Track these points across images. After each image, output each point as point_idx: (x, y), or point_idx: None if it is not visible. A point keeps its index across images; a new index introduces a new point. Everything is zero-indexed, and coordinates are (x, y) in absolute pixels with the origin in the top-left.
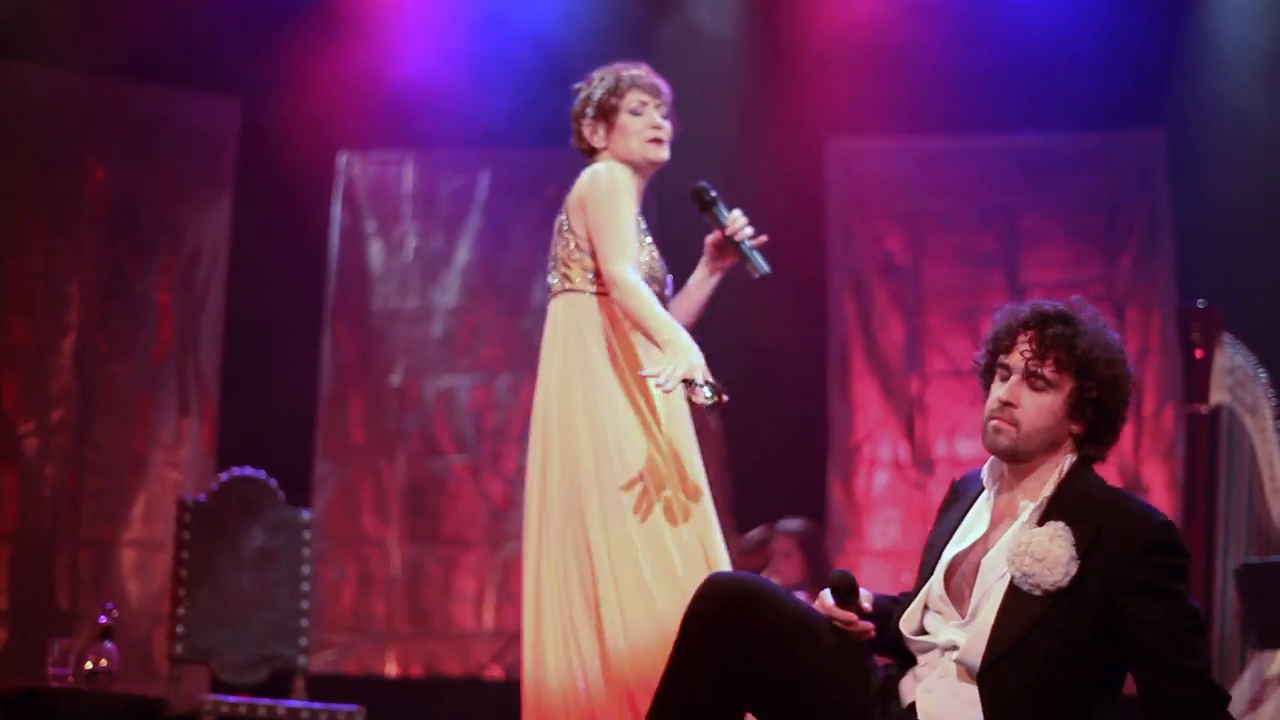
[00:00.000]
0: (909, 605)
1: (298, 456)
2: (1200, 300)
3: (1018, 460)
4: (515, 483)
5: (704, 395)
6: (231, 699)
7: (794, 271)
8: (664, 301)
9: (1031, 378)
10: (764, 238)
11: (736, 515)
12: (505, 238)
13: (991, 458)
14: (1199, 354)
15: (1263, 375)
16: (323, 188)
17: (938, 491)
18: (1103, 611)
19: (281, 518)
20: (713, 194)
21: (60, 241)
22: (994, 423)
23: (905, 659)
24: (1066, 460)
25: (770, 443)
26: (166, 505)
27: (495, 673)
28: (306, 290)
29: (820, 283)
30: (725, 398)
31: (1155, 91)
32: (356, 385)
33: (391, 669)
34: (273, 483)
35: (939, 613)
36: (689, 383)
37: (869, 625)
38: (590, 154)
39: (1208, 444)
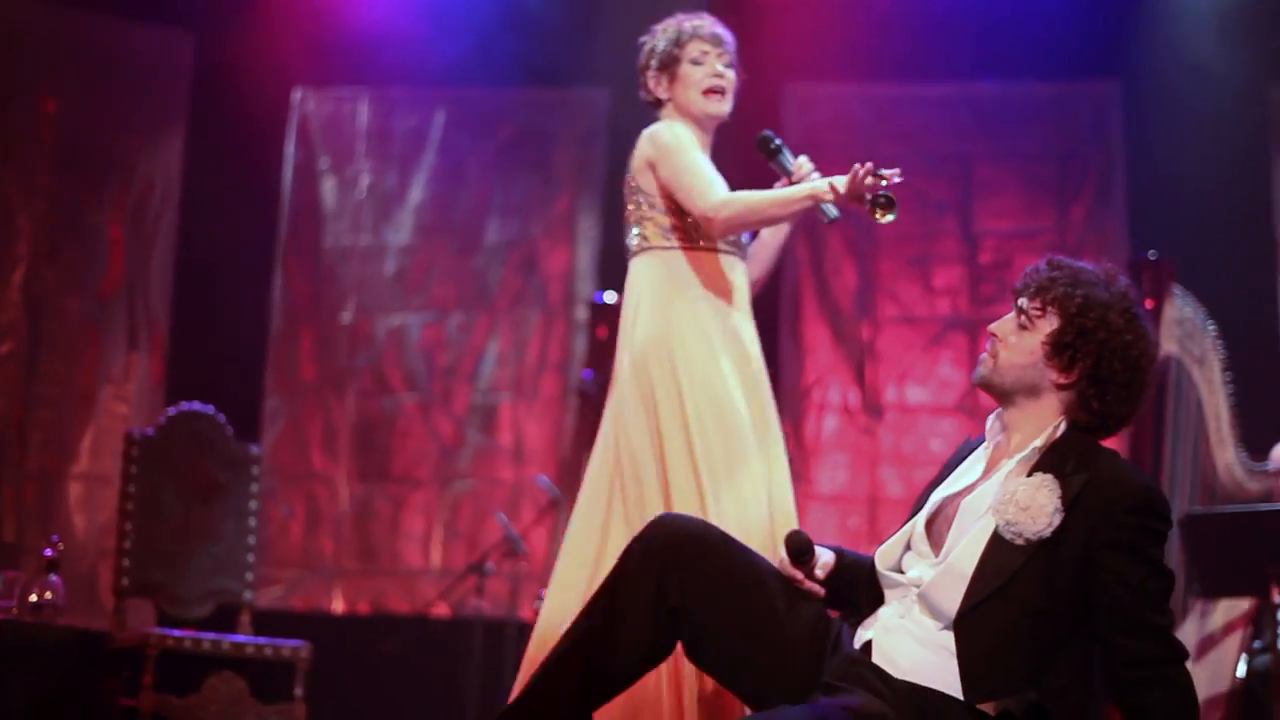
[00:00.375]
0: (891, 539)
1: (247, 392)
2: (1151, 251)
3: (994, 394)
4: (465, 422)
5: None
6: (177, 633)
7: None
8: (739, 250)
9: (1020, 314)
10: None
11: None
12: (459, 177)
13: (995, 413)
14: (1149, 304)
15: (1211, 327)
16: (276, 124)
17: (886, 437)
18: (1081, 566)
19: (229, 453)
20: (777, 142)
21: (10, 172)
22: (982, 354)
23: (863, 612)
24: (1061, 421)
25: None
26: (114, 439)
27: (442, 610)
28: (258, 226)
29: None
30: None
31: (1111, 43)
32: (307, 322)
33: (338, 606)
34: (221, 418)
35: (916, 551)
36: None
37: (818, 588)
38: (657, 105)
39: (1155, 395)
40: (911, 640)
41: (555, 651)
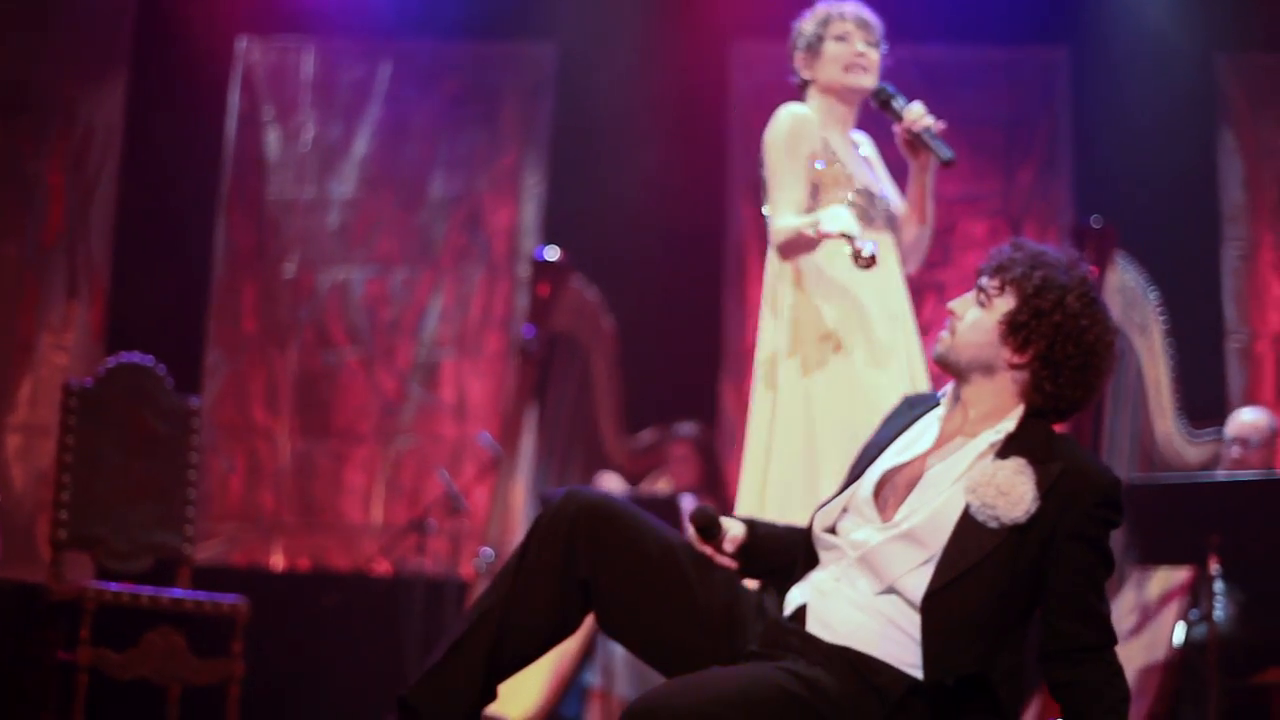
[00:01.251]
0: (829, 502)
1: (188, 345)
2: (1096, 218)
3: (951, 371)
4: (408, 378)
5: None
6: (114, 587)
7: (694, 174)
8: (867, 221)
9: (979, 292)
10: (943, 125)
11: (628, 417)
12: (404, 130)
13: (953, 382)
14: (1093, 272)
15: (1154, 295)
16: (220, 72)
17: None
18: (1043, 552)
19: (169, 405)
20: (889, 91)
21: None
22: (941, 332)
23: (788, 579)
24: (1020, 405)
25: (664, 345)
26: (52, 390)
27: (382, 567)
28: (201, 176)
29: (719, 188)
30: (872, 256)
31: (1061, 10)
32: (249, 274)
33: (278, 561)
34: (161, 370)
35: (858, 514)
36: (848, 238)
37: (729, 562)
38: (803, 89)
39: None
40: (848, 604)
41: (465, 622)
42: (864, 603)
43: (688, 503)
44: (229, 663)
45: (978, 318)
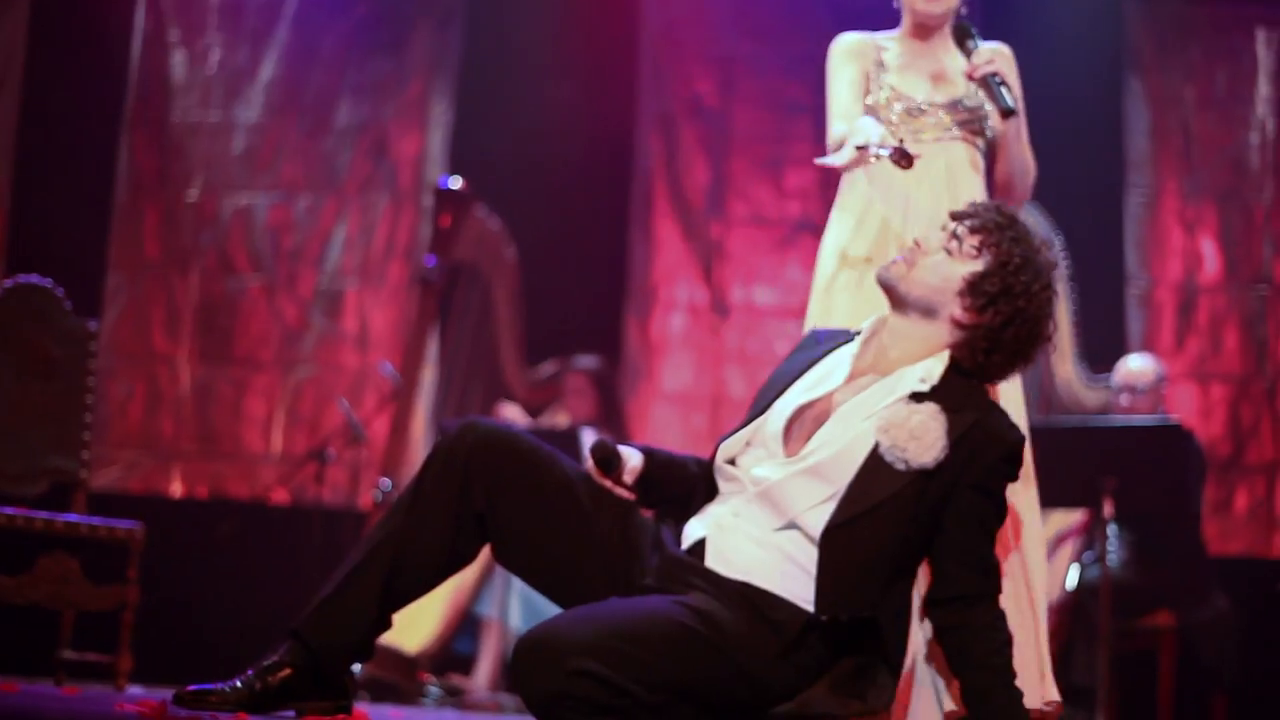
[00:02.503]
0: (733, 434)
1: (89, 268)
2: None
3: (893, 302)
4: (310, 306)
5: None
6: (8, 510)
7: (602, 108)
8: (913, 134)
9: (953, 237)
10: (1003, 73)
11: (529, 349)
12: (312, 56)
13: (872, 317)
14: None
15: (1057, 240)
16: None
17: (732, 337)
18: (943, 502)
19: (67, 328)
20: (968, 29)
21: None
22: (898, 256)
23: (685, 510)
24: (945, 355)
25: (568, 278)
26: None
27: (281, 497)
28: (104, 98)
29: (629, 121)
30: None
31: None
32: (152, 198)
33: (176, 488)
34: (60, 292)
35: (762, 448)
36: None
37: (628, 494)
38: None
39: None
40: (747, 540)
41: (360, 553)
42: (763, 538)
43: (587, 435)
44: (123, 588)
45: (944, 263)
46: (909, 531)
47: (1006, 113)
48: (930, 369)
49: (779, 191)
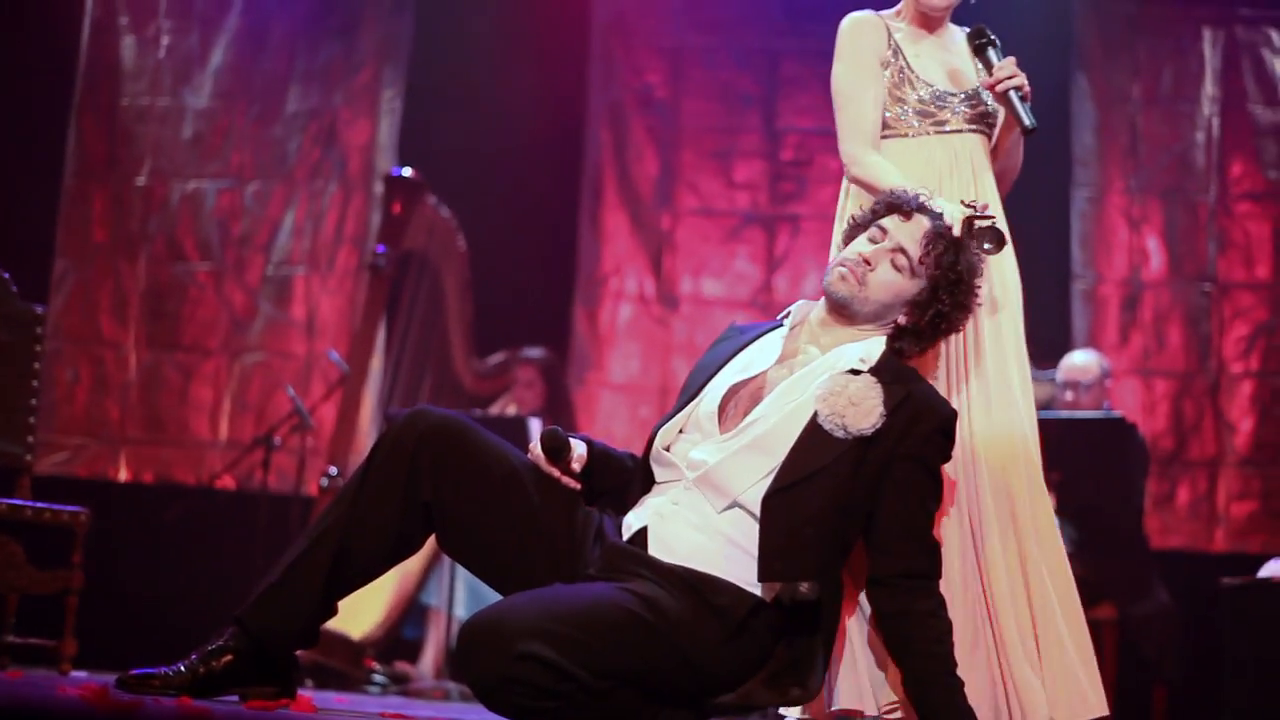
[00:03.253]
0: (666, 421)
1: (36, 252)
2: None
3: (843, 314)
4: (258, 293)
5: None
6: None
7: (553, 98)
8: (938, 125)
9: (899, 254)
10: (1027, 88)
11: (478, 339)
12: (262, 42)
13: (799, 302)
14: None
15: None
16: None
17: (681, 328)
18: (881, 472)
19: (13, 311)
20: (987, 38)
21: None
22: (842, 269)
23: (624, 502)
24: (883, 340)
25: (517, 269)
26: None
27: (227, 483)
28: (53, 82)
29: (579, 111)
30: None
31: None
32: (100, 183)
33: (123, 474)
34: (5, 276)
35: (697, 431)
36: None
37: (574, 483)
38: None
39: None
40: (687, 527)
41: (306, 539)
42: (703, 524)
43: (535, 426)
44: (68, 573)
45: (896, 282)
46: (848, 503)
47: (1028, 130)
48: (869, 350)
49: (728, 183)
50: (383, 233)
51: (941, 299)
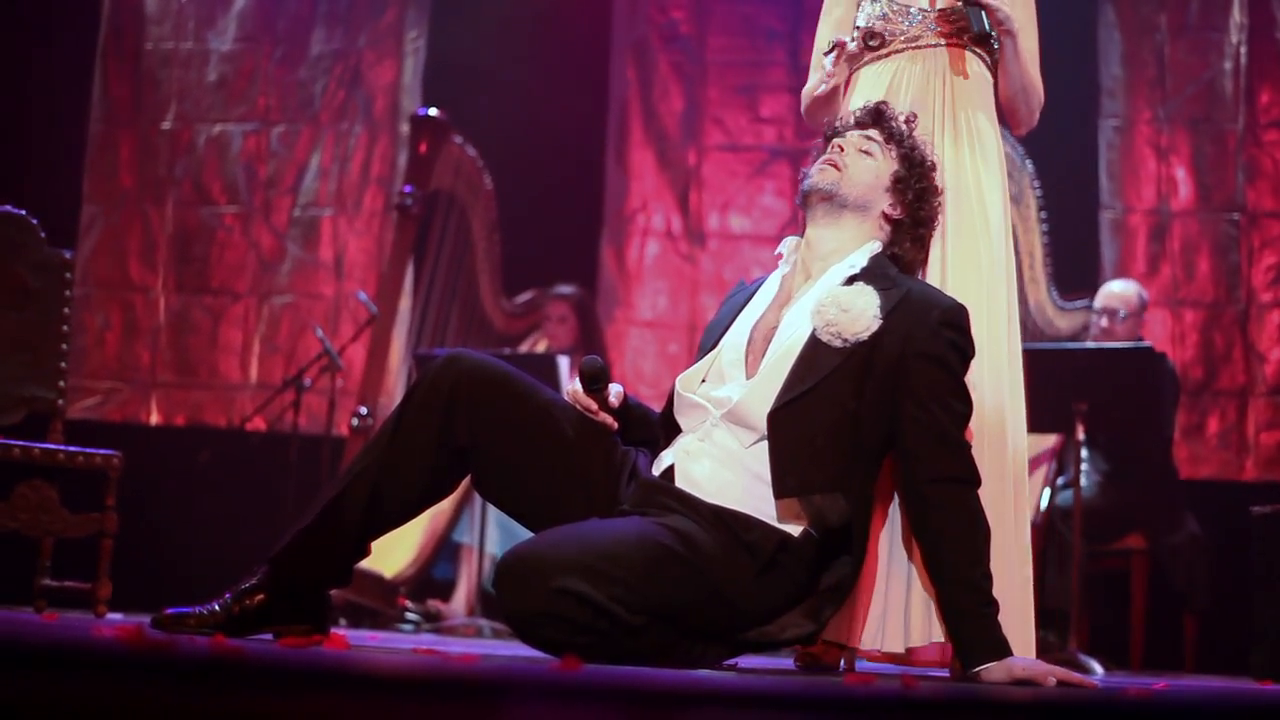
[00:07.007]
0: (691, 369)
1: (64, 198)
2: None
3: (829, 210)
4: (285, 235)
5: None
6: None
7: (577, 34)
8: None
9: (865, 142)
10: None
11: (507, 277)
12: None
13: (788, 238)
14: None
15: (1030, 166)
16: None
17: (708, 264)
18: (893, 375)
19: (42, 258)
20: None
21: None
22: (822, 163)
23: (657, 446)
24: (871, 245)
25: (545, 207)
26: None
27: (257, 425)
28: (78, 27)
29: (603, 49)
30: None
31: None
32: (126, 128)
33: (154, 418)
34: (34, 221)
35: (719, 379)
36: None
37: (610, 420)
38: None
39: None
40: (714, 463)
41: (340, 482)
42: (730, 460)
43: (564, 364)
44: (102, 516)
45: (872, 165)
46: (859, 410)
47: (978, 38)
48: (855, 259)
49: (755, 118)
50: (409, 173)
51: (915, 172)
